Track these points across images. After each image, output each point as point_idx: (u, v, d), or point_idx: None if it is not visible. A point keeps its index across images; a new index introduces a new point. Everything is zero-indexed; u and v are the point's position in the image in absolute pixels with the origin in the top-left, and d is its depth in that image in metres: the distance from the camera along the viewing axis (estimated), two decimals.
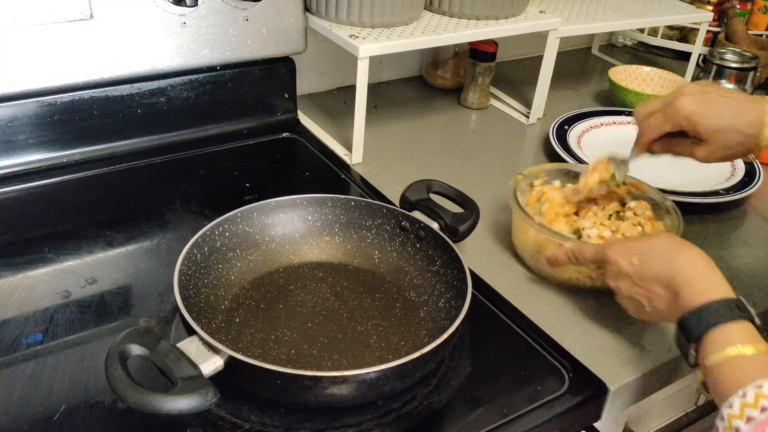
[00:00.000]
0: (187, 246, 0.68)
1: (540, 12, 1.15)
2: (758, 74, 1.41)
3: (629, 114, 1.23)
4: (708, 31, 1.48)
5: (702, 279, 0.63)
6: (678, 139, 0.77)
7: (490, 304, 0.78)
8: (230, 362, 0.57)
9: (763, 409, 0.52)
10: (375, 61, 1.24)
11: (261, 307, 0.72)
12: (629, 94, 1.27)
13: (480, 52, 1.22)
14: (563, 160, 1.05)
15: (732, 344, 0.58)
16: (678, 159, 0.79)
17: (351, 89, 1.04)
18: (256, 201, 0.77)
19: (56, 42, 0.87)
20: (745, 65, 1.38)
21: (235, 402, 0.62)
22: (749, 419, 0.53)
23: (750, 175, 1.05)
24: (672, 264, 0.65)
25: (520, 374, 0.69)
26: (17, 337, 0.67)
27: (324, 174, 1.01)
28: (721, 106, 0.72)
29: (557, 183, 0.89)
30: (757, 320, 0.60)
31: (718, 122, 0.72)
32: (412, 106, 1.27)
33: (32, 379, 0.63)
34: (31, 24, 0.85)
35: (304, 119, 1.14)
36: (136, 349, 0.56)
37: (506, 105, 1.30)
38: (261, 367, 0.56)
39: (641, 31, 1.56)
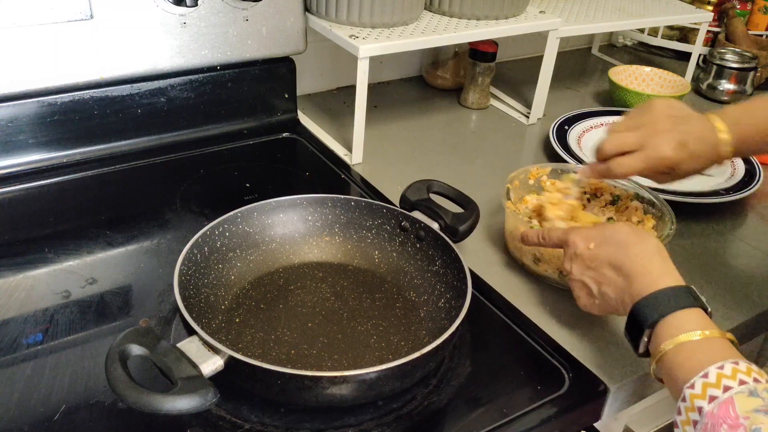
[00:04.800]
0: (187, 246, 0.68)
1: (540, 12, 1.15)
2: (758, 74, 1.42)
3: None
4: (708, 31, 1.48)
5: (655, 267, 0.64)
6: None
7: (490, 304, 0.78)
8: (230, 362, 0.57)
9: (726, 389, 0.53)
10: (375, 61, 1.24)
11: (261, 307, 0.72)
12: (629, 94, 1.28)
13: (480, 52, 1.22)
14: (563, 160, 1.05)
15: (687, 330, 0.59)
16: None
17: (351, 89, 1.04)
18: (256, 201, 0.77)
19: (56, 42, 0.87)
20: (745, 65, 1.38)
21: (235, 402, 0.62)
22: (712, 398, 0.53)
23: (750, 175, 1.05)
24: (627, 251, 0.66)
25: (520, 374, 0.69)
26: (17, 337, 0.67)
27: (324, 174, 1.01)
28: (693, 148, 0.74)
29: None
30: (708, 308, 0.62)
31: (692, 166, 0.75)
32: (412, 106, 1.27)
33: (32, 379, 0.63)
34: (31, 24, 0.85)
35: (304, 119, 1.14)
36: (136, 349, 0.56)
37: (506, 105, 1.30)
38: (261, 367, 0.56)
39: (641, 31, 1.56)
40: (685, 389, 0.55)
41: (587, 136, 1.16)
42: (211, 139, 1.04)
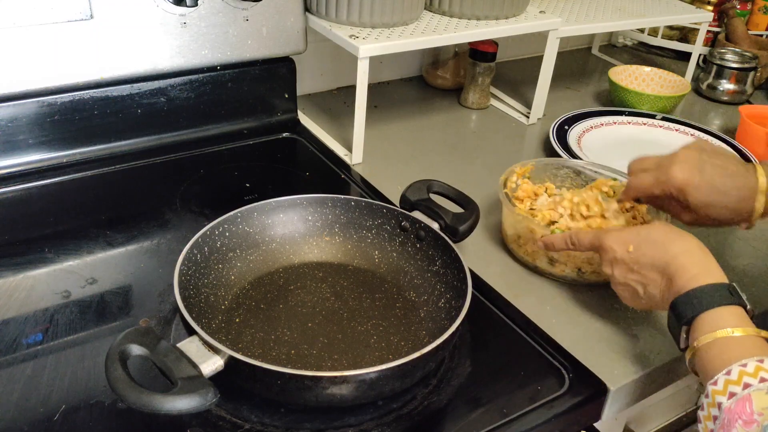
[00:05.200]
0: (187, 246, 0.68)
1: (540, 12, 1.15)
2: (758, 74, 1.42)
3: (629, 114, 1.23)
4: (708, 31, 1.48)
5: (696, 264, 0.65)
6: (667, 199, 0.76)
7: (490, 304, 0.78)
8: (230, 362, 0.57)
9: (745, 386, 0.54)
10: (375, 61, 1.24)
11: (261, 307, 0.72)
12: (629, 94, 1.27)
13: (480, 52, 1.22)
14: None
15: (722, 327, 0.59)
16: None
17: (351, 89, 1.04)
18: (256, 201, 0.77)
19: (56, 42, 0.87)
20: (745, 65, 1.38)
21: (235, 402, 0.62)
22: (732, 395, 0.54)
23: None
24: (667, 250, 0.66)
25: (520, 374, 0.69)
26: (17, 337, 0.67)
27: (324, 174, 1.01)
28: (713, 178, 0.70)
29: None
30: (749, 306, 0.62)
31: (708, 198, 0.71)
32: (412, 106, 1.27)
33: (32, 379, 0.63)
34: (31, 24, 0.85)
35: (304, 119, 1.14)
36: (136, 349, 0.56)
37: (506, 105, 1.30)
38: (261, 367, 0.56)
39: (641, 31, 1.56)
40: (708, 385, 0.56)
41: (587, 136, 1.16)
42: (211, 139, 1.04)
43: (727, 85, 1.39)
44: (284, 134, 1.09)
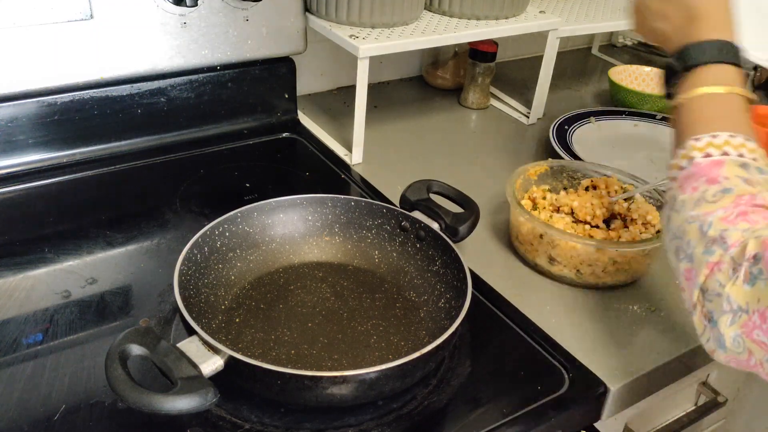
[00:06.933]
0: (187, 246, 0.68)
1: (540, 12, 1.15)
2: (758, 74, 1.42)
3: (629, 114, 1.23)
4: None
5: (719, 19, 0.63)
6: None
7: (490, 304, 0.78)
8: (230, 362, 0.57)
9: (724, 154, 0.55)
10: (375, 61, 1.24)
11: (261, 307, 0.72)
12: (629, 94, 1.27)
13: (480, 52, 1.22)
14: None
15: (710, 83, 0.59)
16: None
17: (351, 89, 1.04)
18: (256, 201, 0.77)
19: (56, 42, 0.87)
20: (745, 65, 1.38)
21: (235, 402, 0.62)
22: (708, 155, 0.56)
23: None
24: None
25: (520, 374, 0.69)
26: (17, 337, 0.67)
27: (324, 174, 1.01)
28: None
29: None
30: (748, 69, 0.63)
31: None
32: (412, 106, 1.27)
33: (32, 379, 0.63)
34: (31, 24, 0.85)
35: (304, 119, 1.15)
36: (136, 349, 0.56)
37: (506, 105, 1.30)
38: (261, 367, 0.56)
39: None
40: (690, 140, 0.57)
41: (587, 136, 1.16)
42: (211, 139, 1.04)
43: None
44: (284, 134, 1.10)
